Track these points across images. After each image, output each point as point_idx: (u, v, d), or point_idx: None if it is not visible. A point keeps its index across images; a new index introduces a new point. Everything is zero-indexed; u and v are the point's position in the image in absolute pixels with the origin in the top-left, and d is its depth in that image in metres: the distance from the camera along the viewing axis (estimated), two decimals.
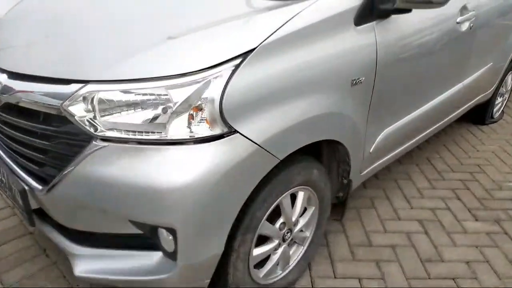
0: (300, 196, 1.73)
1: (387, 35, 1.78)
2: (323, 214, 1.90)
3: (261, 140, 1.35)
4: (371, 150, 1.99)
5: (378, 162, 2.13)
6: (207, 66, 1.27)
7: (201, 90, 1.25)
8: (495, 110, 3.64)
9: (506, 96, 3.76)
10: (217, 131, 1.28)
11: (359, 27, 1.67)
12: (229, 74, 1.28)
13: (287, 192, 1.61)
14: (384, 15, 1.76)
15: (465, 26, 2.36)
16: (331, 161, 1.93)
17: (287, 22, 1.44)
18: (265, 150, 1.37)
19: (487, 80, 3.11)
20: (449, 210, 2.48)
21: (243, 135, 1.31)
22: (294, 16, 1.47)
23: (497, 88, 3.39)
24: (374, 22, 1.73)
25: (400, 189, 2.67)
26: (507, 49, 3.17)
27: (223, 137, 1.29)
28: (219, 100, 1.26)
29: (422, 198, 2.59)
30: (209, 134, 1.27)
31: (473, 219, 2.42)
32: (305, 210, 1.83)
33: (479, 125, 3.64)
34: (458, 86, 2.61)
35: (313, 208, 1.83)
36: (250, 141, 1.32)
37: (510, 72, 3.54)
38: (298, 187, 1.66)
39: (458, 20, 2.27)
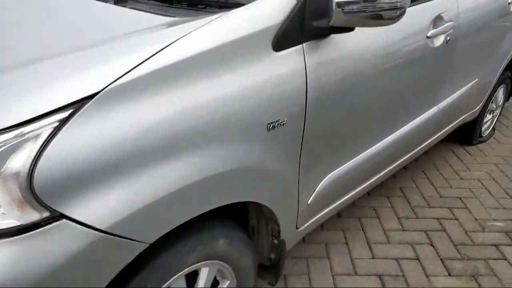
0: (203, 273, 1.32)
1: (323, 60, 1.36)
2: (245, 286, 1.49)
3: (109, 224, 0.94)
4: (309, 202, 1.57)
5: (323, 213, 1.72)
6: (12, 124, 0.85)
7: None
8: (483, 128, 3.21)
9: (497, 112, 3.33)
10: (30, 217, 0.87)
11: (280, 53, 1.25)
12: (48, 134, 0.86)
13: (176, 276, 1.20)
14: (318, 35, 1.34)
15: (439, 41, 1.93)
16: (260, 219, 1.52)
17: (160, 51, 1.02)
18: (118, 236, 0.95)
19: (472, 98, 2.68)
20: (418, 261, 2.06)
21: (75, 220, 0.90)
22: (174, 41, 1.05)
23: (485, 105, 2.97)
24: (303, 45, 1.31)
25: (364, 231, 2.25)
26: (496, 62, 2.73)
27: (41, 226, 0.88)
28: (28, 172, 0.84)
29: (387, 244, 2.17)
30: (15, 224, 0.86)
31: (446, 273, 2.00)
32: (217, 282, 1.43)
33: (466, 145, 3.21)
34: (433, 110, 2.19)
35: (228, 282, 1.42)
36: (89, 228, 0.91)
37: (501, 86, 3.11)
38: (196, 264, 1.25)
39: (429, 34, 1.85)
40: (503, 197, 2.59)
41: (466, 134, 3.14)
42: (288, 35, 1.27)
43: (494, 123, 3.37)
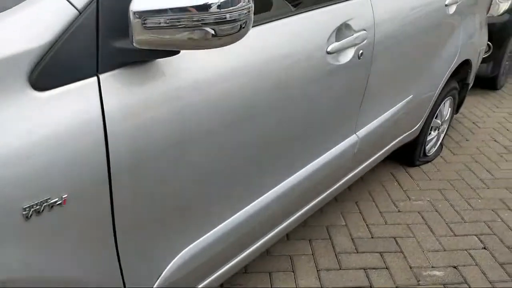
0: None
1: (140, 99, 0.90)
2: None
3: None
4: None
5: None
6: None
7: None
8: (428, 146, 2.82)
9: (445, 126, 2.95)
10: None
11: (47, 93, 0.79)
12: None
13: None
14: (127, 62, 0.88)
15: (346, 56, 1.50)
16: None
17: None
18: None
19: (408, 118, 2.28)
20: None
21: None
22: None
23: (427, 123, 2.57)
24: (99, 77, 0.84)
25: None
26: (436, 74, 2.34)
27: None
28: None
29: None
30: None
31: None
32: None
33: (408, 166, 2.81)
34: (350, 141, 1.76)
35: None
36: None
37: (447, 98, 2.73)
38: None
39: (329, 48, 1.40)
40: (445, 234, 2.18)
41: (408, 155, 2.74)
42: (63, 64, 0.80)
43: (441, 139, 2.98)
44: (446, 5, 2.14)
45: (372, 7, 1.60)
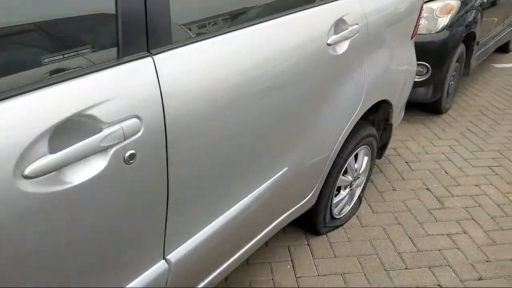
0: None
1: None
2: None
3: None
4: None
5: None
6: None
7: None
8: (337, 208, 2.22)
9: (362, 179, 2.35)
10: None
11: None
12: None
13: None
14: None
15: (89, 170, 0.87)
16: None
17: None
18: None
19: (289, 192, 1.68)
20: None
21: None
22: None
23: (327, 186, 1.96)
24: None
25: None
26: (328, 130, 1.74)
27: None
28: None
29: None
30: None
31: None
32: None
33: (313, 234, 2.22)
34: (151, 273, 1.12)
35: None
36: None
37: (360, 148, 2.13)
38: None
39: (28, 172, 0.76)
40: None
41: (310, 222, 2.14)
42: None
43: (358, 194, 2.39)
44: (329, 45, 1.51)
45: (156, 71, 0.96)
